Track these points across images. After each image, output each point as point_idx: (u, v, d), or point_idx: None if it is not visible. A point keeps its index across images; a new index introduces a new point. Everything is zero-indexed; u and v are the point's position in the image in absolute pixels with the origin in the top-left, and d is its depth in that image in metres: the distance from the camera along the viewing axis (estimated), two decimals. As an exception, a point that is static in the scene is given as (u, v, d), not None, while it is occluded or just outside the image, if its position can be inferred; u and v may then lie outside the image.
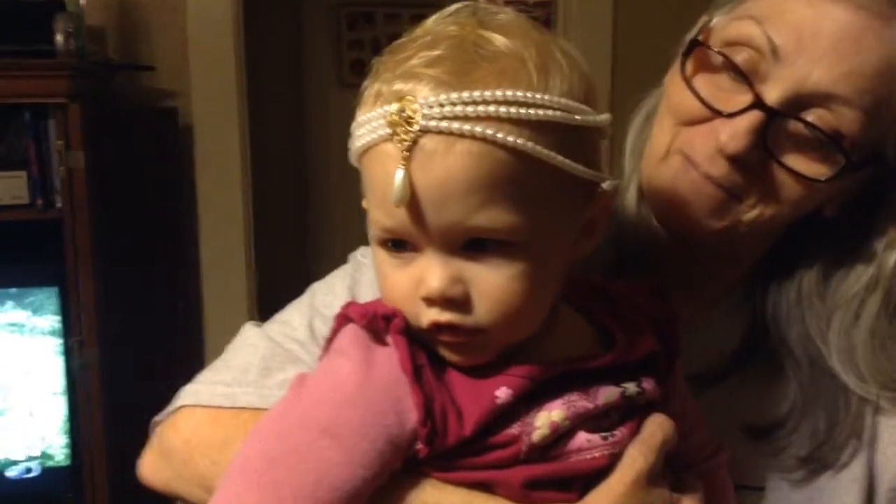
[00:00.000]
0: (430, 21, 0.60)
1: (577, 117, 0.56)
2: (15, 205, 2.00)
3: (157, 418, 0.79)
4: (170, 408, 0.79)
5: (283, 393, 0.60)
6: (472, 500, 0.58)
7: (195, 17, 2.45)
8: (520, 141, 0.53)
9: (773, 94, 0.66)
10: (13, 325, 2.18)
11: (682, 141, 0.72)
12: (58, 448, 2.22)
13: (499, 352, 0.58)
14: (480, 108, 0.53)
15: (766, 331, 0.76)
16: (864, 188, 0.73)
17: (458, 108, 0.53)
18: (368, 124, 0.56)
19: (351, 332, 0.60)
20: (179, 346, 2.52)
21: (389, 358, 0.57)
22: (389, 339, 0.58)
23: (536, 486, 0.58)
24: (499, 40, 0.56)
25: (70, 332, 2.13)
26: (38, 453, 2.22)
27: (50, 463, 2.22)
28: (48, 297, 2.15)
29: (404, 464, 0.57)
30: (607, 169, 0.64)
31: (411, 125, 0.53)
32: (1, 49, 1.92)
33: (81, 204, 1.99)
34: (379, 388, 0.56)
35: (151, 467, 0.77)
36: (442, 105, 0.53)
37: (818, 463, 0.74)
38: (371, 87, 0.57)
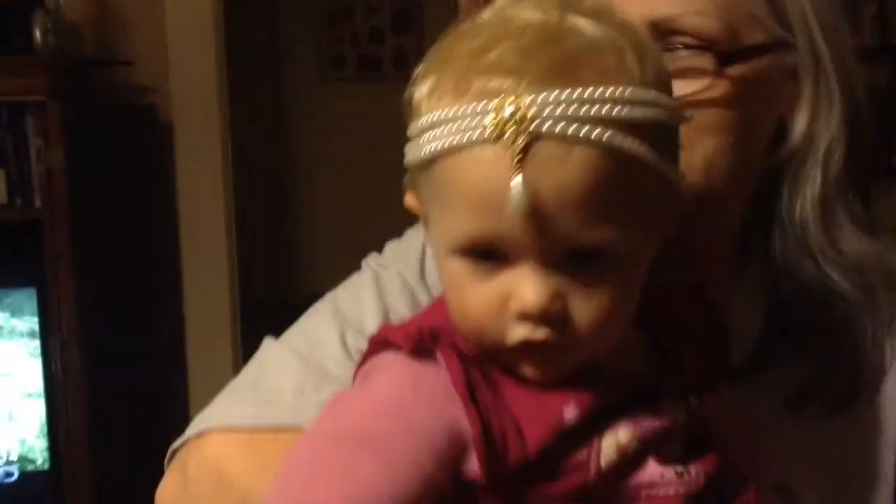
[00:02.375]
0: (501, 3, 0.55)
1: (676, 114, 0.54)
2: (-8, 204, 1.97)
3: (175, 444, 0.72)
4: (190, 432, 0.72)
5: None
6: None
7: (174, 12, 2.43)
8: (638, 146, 0.50)
9: None
10: (-9, 326, 2.15)
11: None
12: (37, 451, 2.20)
13: (577, 366, 0.54)
14: (596, 108, 0.49)
15: (795, 295, 0.74)
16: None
17: (575, 109, 0.49)
18: (454, 123, 0.50)
19: (390, 355, 0.55)
20: (161, 346, 2.50)
21: (438, 375, 0.53)
22: (438, 355, 0.53)
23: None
24: (591, 28, 0.52)
25: (49, 332, 2.11)
26: (16, 457, 2.20)
27: (30, 467, 2.20)
28: (27, 297, 2.13)
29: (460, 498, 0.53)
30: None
31: (524, 127, 0.48)
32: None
33: (61, 203, 1.97)
34: (427, 405, 0.52)
35: (170, 495, 0.71)
36: (559, 104, 0.49)
37: (856, 398, 0.73)
38: (441, 82, 0.52)
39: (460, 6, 1.08)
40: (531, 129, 0.48)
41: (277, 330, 0.78)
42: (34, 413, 2.17)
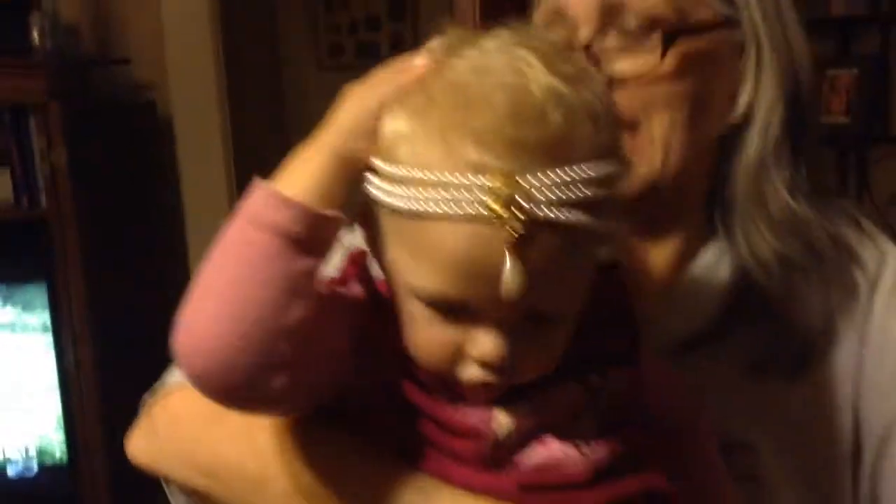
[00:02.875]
0: (484, 47, 0.55)
1: (629, 173, 0.57)
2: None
3: (147, 396, 0.79)
4: (160, 385, 0.79)
5: None
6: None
7: (170, 8, 2.45)
8: (608, 222, 0.53)
9: (581, 36, 0.71)
10: (4, 323, 2.19)
11: None
12: (55, 445, 2.24)
13: None
14: (583, 189, 0.51)
15: (754, 265, 0.77)
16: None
17: (566, 193, 0.50)
18: (448, 190, 0.50)
19: None
20: (168, 336, 2.53)
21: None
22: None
23: (532, 490, 0.58)
24: (569, 95, 0.52)
25: (61, 328, 2.15)
26: (34, 451, 2.24)
27: (48, 461, 2.24)
28: (37, 294, 2.16)
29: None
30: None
31: (522, 212, 0.49)
32: (-24, 50, 1.92)
33: (66, 201, 2.00)
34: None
35: (138, 444, 0.76)
36: (553, 189, 0.50)
37: (812, 360, 0.76)
38: (425, 132, 0.52)
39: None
40: (529, 216, 0.49)
41: None
42: (51, 407, 2.21)
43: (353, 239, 0.68)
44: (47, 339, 2.18)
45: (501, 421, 0.57)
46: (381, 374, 0.59)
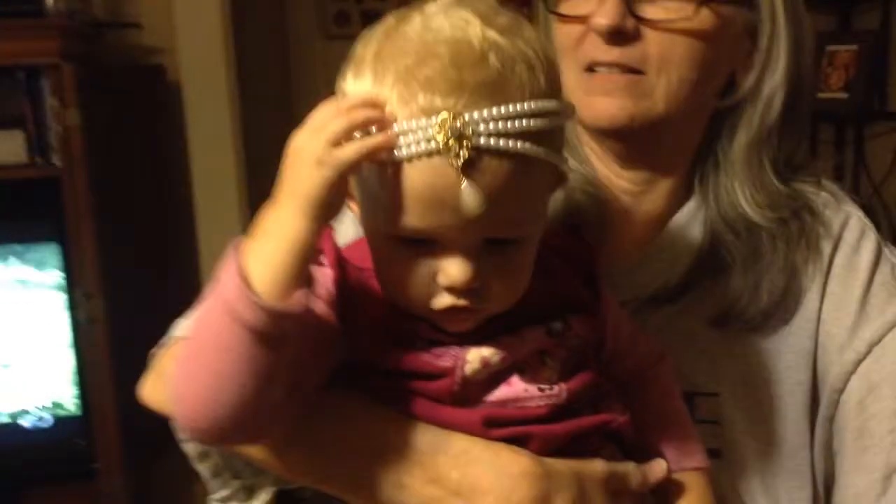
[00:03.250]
0: (427, 11, 0.61)
1: (569, 115, 0.63)
2: (13, 164, 2.05)
3: (155, 349, 0.85)
4: (166, 339, 0.85)
5: None
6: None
7: (179, -28, 2.49)
8: (548, 152, 0.59)
9: None
10: (19, 280, 2.25)
11: (579, 62, 0.81)
12: (68, 398, 2.30)
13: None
14: (520, 122, 0.57)
15: (723, 227, 0.84)
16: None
17: (503, 125, 0.57)
18: (404, 135, 0.57)
19: None
20: (177, 292, 2.59)
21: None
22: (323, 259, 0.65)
23: (494, 424, 0.64)
24: (507, 45, 0.59)
25: (74, 285, 2.21)
26: (49, 404, 2.30)
27: (61, 412, 2.31)
28: (50, 252, 2.22)
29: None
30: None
31: (465, 142, 0.56)
32: (-8, 11, 1.96)
33: (78, 160, 2.05)
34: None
35: (150, 390, 0.82)
36: (491, 121, 0.57)
37: (775, 315, 0.82)
38: (382, 87, 0.59)
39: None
40: (472, 143, 0.56)
41: None
42: (65, 362, 2.27)
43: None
44: (61, 297, 2.24)
45: (470, 360, 0.63)
46: (359, 340, 0.65)
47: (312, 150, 0.58)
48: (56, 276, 2.24)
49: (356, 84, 0.61)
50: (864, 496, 0.80)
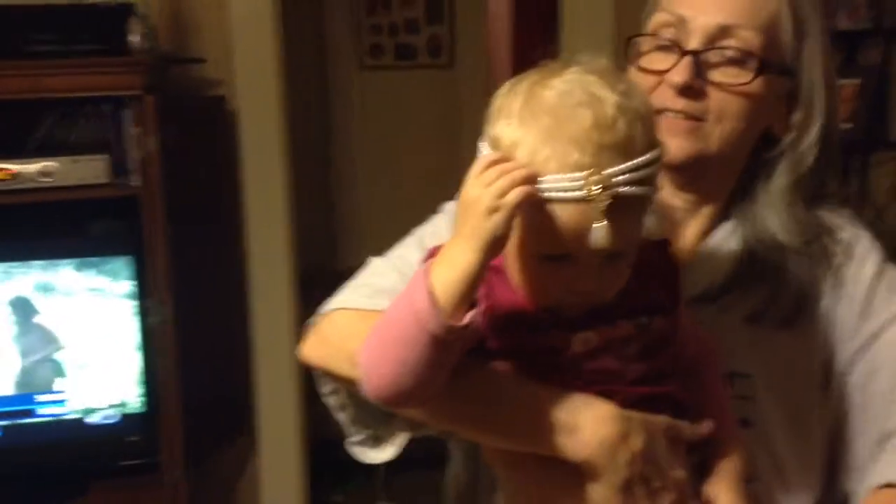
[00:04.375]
0: (564, 79, 0.77)
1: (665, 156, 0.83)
2: (97, 183, 2.25)
3: (309, 321, 1.04)
4: (322, 310, 1.03)
5: None
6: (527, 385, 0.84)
7: (237, 14, 2.71)
8: (655, 189, 0.79)
9: (692, 43, 0.96)
10: (94, 290, 2.46)
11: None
12: (134, 397, 2.48)
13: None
14: (643, 172, 0.76)
15: (757, 245, 1.00)
16: (790, 105, 1.00)
17: (632, 176, 0.75)
18: (560, 184, 0.74)
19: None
20: (231, 303, 2.80)
21: None
22: None
23: (590, 384, 0.84)
24: (630, 107, 0.76)
25: (144, 294, 2.39)
26: (117, 402, 2.47)
27: (127, 410, 2.48)
28: (124, 264, 2.40)
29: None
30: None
31: (607, 192, 0.73)
32: (83, 49, 2.18)
33: (155, 182, 2.25)
34: None
35: (312, 349, 1.00)
36: (623, 175, 0.74)
37: (798, 315, 0.99)
38: (537, 141, 0.75)
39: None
40: (610, 193, 0.73)
41: (327, 293, 1.05)
42: (131, 364, 2.44)
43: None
44: (131, 305, 2.42)
45: (574, 341, 0.83)
46: (497, 330, 0.85)
47: (484, 201, 0.74)
48: (128, 285, 2.42)
49: (506, 132, 0.78)
50: (860, 457, 0.98)
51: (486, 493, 1.04)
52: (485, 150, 0.81)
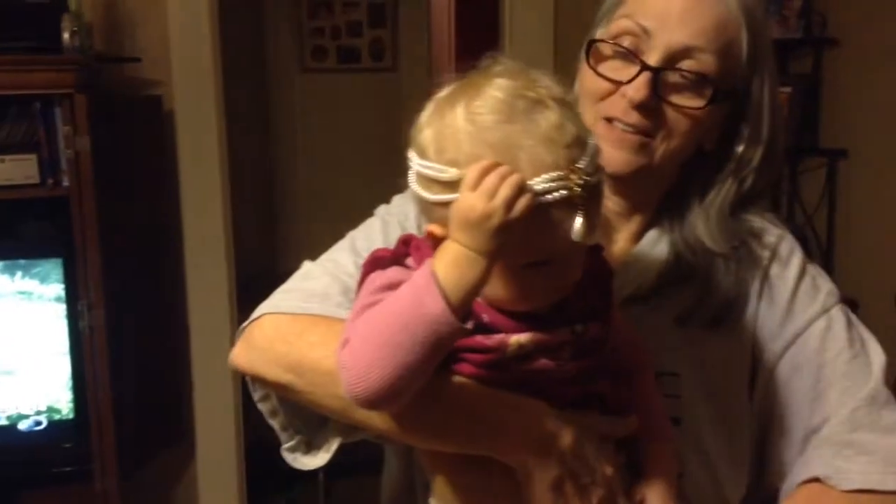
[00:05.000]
0: (499, 86, 0.78)
1: None
2: (26, 184, 2.21)
3: (241, 326, 1.02)
4: (252, 316, 1.01)
5: (343, 311, 0.86)
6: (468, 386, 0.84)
7: (174, 13, 2.67)
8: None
9: (653, 58, 0.96)
10: (23, 293, 2.40)
11: (600, 111, 0.99)
12: (63, 403, 2.43)
13: None
14: (597, 160, 0.78)
15: (685, 250, 1.02)
16: (727, 124, 1.02)
17: (594, 166, 0.77)
18: (545, 185, 0.74)
19: (377, 275, 0.83)
20: (166, 308, 2.75)
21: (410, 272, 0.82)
22: (409, 260, 0.84)
23: (522, 385, 0.84)
24: (562, 99, 0.78)
25: (74, 297, 2.34)
26: (45, 408, 2.42)
27: (56, 416, 2.43)
28: (54, 267, 2.36)
29: None
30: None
31: (583, 188, 0.75)
32: (14, 46, 2.13)
33: (87, 182, 2.20)
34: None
35: (240, 355, 0.99)
36: (590, 167, 0.76)
37: (725, 316, 1.01)
38: (491, 156, 0.74)
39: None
40: (588, 185, 0.75)
41: (266, 297, 1.03)
42: (61, 369, 2.40)
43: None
44: (61, 308, 2.37)
45: (511, 343, 0.83)
46: None
47: (497, 215, 0.73)
48: (58, 288, 2.38)
49: (462, 149, 0.77)
50: (785, 454, 1.00)
51: (421, 497, 1.03)
52: (414, 161, 0.81)
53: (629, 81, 0.96)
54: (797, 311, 1.01)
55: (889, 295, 2.76)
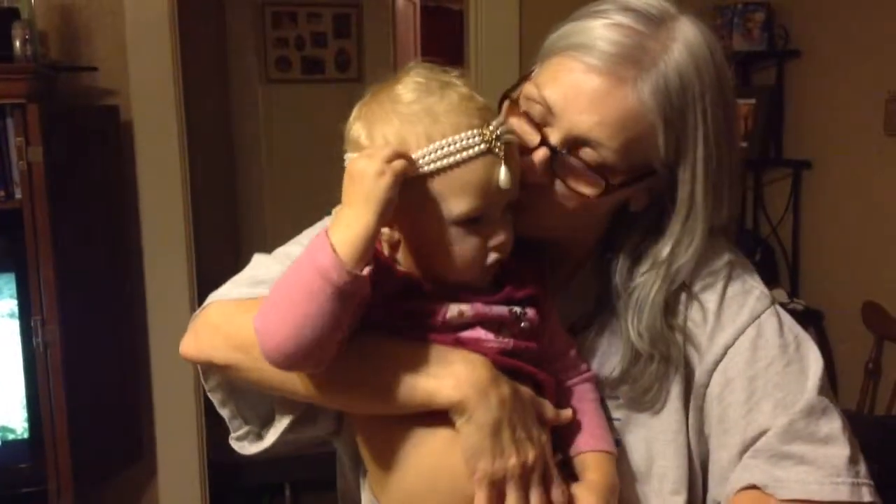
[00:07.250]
0: (413, 78, 0.90)
1: None
2: (-24, 197, 2.15)
3: (193, 315, 1.03)
4: (202, 307, 1.03)
5: None
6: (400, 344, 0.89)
7: (132, 21, 2.63)
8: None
9: (554, 137, 0.94)
10: (-28, 310, 2.33)
11: None
12: (18, 422, 2.37)
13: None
14: (508, 123, 0.90)
15: (609, 294, 1.02)
16: (659, 190, 0.99)
17: (507, 125, 0.88)
18: (459, 144, 0.85)
19: None
20: (127, 323, 2.69)
21: None
22: None
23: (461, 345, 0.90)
24: (465, 82, 0.91)
25: (28, 313, 2.28)
26: None
27: (11, 436, 2.37)
28: (6, 282, 2.30)
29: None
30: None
31: (499, 141, 0.86)
32: (-39, 55, 2.07)
33: (40, 194, 2.15)
34: None
35: (189, 343, 1.00)
36: (503, 125, 0.88)
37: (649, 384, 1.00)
38: (419, 130, 0.86)
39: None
40: (505, 139, 0.86)
41: None
42: (14, 388, 2.33)
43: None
44: (14, 325, 2.31)
45: (452, 311, 0.89)
46: (378, 293, 0.88)
47: (373, 166, 0.82)
48: (10, 304, 2.32)
49: (389, 133, 0.87)
50: (725, 469, 0.98)
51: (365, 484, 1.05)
52: (348, 157, 0.89)
53: (531, 151, 0.95)
54: (726, 323, 1.00)
55: (855, 304, 2.77)
